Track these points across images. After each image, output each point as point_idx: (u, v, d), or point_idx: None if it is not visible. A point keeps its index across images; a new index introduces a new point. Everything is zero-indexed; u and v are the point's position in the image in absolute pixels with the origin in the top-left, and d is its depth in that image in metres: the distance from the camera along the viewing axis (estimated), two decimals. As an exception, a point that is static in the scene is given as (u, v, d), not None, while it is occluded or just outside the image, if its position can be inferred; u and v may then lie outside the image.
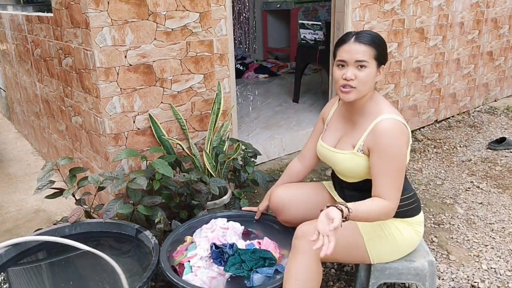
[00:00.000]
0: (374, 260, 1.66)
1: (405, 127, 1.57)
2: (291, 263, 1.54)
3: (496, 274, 2.12)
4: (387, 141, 1.52)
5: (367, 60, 1.55)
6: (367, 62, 1.55)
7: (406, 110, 4.01)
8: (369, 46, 1.56)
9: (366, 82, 1.57)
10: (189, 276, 1.71)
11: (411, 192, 1.70)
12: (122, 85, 2.23)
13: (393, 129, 1.54)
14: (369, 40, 1.57)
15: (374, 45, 1.57)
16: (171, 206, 2.29)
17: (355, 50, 1.56)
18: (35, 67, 3.21)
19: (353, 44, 1.57)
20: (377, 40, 1.59)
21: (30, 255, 1.95)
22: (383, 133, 1.54)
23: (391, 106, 1.64)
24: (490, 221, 2.58)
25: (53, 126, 3.17)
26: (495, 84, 5.07)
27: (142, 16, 2.22)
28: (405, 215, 1.67)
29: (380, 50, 1.58)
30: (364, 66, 1.56)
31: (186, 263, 1.78)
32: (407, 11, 3.66)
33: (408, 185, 1.70)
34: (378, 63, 1.58)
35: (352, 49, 1.56)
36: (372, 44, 1.57)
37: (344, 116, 1.74)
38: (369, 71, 1.56)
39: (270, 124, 3.85)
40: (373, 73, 1.58)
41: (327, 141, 1.76)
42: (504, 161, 3.43)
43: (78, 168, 2.25)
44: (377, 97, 1.65)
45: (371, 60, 1.56)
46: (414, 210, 1.70)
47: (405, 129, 1.57)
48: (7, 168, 3.60)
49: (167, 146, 2.41)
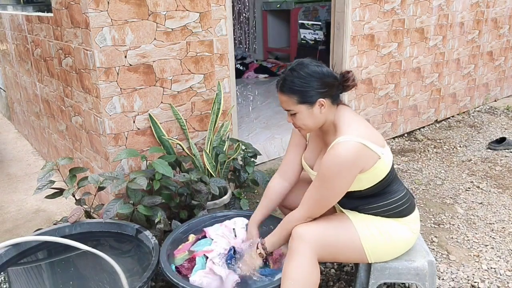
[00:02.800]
0: (372, 258, 1.66)
1: (363, 149, 1.51)
2: (288, 265, 1.54)
3: (496, 274, 2.12)
4: (328, 161, 1.51)
5: (292, 108, 1.58)
6: (293, 110, 1.59)
7: (406, 110, 4.01)
8: (289, 96, 1.57)
9: (304, 123, 1.61)
10: (200, 272, 1.71)
11: (402, 193, 1.68)
12: (122, 85, 2.23)
13: (340, 154, 1.49)
14: (288, 88, 1.56)
15: (294, 92, 1.55)
16: (171, 206, 2.29)
17: (280, 100, 1.61)
18: (35, 67, 3.21)
19: (278, 93, 1.61)
20: (298, 84, 1.55)
21: (30, 255, 1.95)
22: (329, 154, 1.52)
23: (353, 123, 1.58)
24: (490, 221, 2.58)
25: (53, 126, 3.17)
26: (495, 84, 5.07)
27: (142, 16, 2.22)
28: (398, 215, 1.68)
29: (305, 92, 1.55)
30: (294, 113, 1.59)
31: (199, 257, 1.78)
32: (407, 11, 3.66)
33: (399, 186, 1.69)
34: (307, 104, 1.56)
35: (279, 99, 1.61)
36: (291, 92, 1.55)
37: (318, 135, 1.76)
38: (301, 116, 1.59)
39: (270, 124, 3.85)
40: (307, 114, 1.58)
41: (307, 160, 1.79)
42: (504, 161, 3.43)
43: (78, 168, 2.25)
44: (339, 117, 1.62)
45: (297, 107, 1.57)
46: (408, 209, 1.70)
47: (360, 152, 1.50)
48: (7, 168, 3.60)
49: (167, 146, 2.41)
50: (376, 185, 1.61)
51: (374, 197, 1.64)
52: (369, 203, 1.65)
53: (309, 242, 1.54)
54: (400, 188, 1.70)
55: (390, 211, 1.65)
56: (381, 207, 1.65)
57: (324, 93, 1.57)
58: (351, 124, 1.58)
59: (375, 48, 3.52)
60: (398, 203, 1.66)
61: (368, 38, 3.44)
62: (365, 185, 1.60)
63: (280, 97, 1.60)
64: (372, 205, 1.65)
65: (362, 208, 1.66)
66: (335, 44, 3.37)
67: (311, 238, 1.55)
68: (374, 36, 3.48)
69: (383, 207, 1.65)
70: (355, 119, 1.62)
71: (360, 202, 1.65)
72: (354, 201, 1.65)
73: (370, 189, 1.61)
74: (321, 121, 1.62)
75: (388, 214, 1.66)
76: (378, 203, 1.64)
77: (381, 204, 1.64)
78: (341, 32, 3.29)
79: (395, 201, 1.65)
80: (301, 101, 1.56)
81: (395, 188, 1.67)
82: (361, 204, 1.66)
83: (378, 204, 1.64)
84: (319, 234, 1.57)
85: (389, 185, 1.65)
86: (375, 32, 3.47)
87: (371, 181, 1.60)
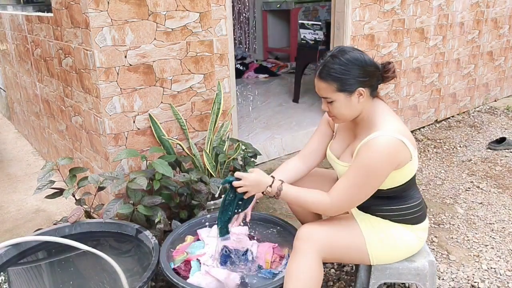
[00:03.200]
0: (374, 261, 1.66)
1: (401, 145, 1.49)
2: (292, 264, 1.54)
3: (496, 274, 2.12)
4: (367, 155, 1.48)
5: (330, 96, 1.54)
6: (330, 98, 1.54)
7: (406, 110, 4.01)
8: (328, 82, 1.52)
9: (341, 112, 1.56)
10: (197, 274, 1.71)
11: (417, 200, 1.67)
12: (122, 85, 2.23)
13: (380, 148, 1.46)
14: (327, 75, 1.51)
15: (335, 79, 1.51)
16: (171, 206, 2.29)
17: (318, 87, 1.56)
18: (35, 67, 3.21)
19: (316, 80, 1.56)
20: (339, 71, 1.50)
21: (30, 255, 1.95)
22: (368, 147, 1.49)
23: (391, 119, 1.55)
24: (490, 221, 2.58)
25: (53, 126, 3.17)
26: (495, 84, 5.07)
27: (142, 16, 2.22)
28: (410, 222, 1.66)
29: (345, 80, 1.51)
30: (331, 101, 1.55)
31: (193, 261, 1.78)
32: (407, 11, 3.66)
33: (415, 193, 1.67)
34: (346, 92, 1.52)
35: (316, 86, 1.57)
36: (331, 78, 1.51)
37: (349, 126, 1.71)
38: (338, 104, 1.54)
39: (270, 124, 3.85)
40: (344, 103, 1.54)
41: (333, 150, 1.74)
42: (504, 161, 3.43)
43: (78, 168, 2.25)
44: (376, 110, 1.59)
45: (335, 94, 1.53)
46: (420, 217, 1.68)
47: (399, 148, 1.49)
48: (7, 168, 3.60)
49: (167, 146, 2.41)
50: (398, 187, 1.59)
51: (390, 199, 1.62)
52: (385, 204, 1.62)
53: (314, 243, 1.53)
54: (416, 195, 1.68)
55: (401, 217, 1.63)
56: (394, 210, 1.63)
57: (364, 82, 1.52)
58: (388, 119, 1.54)
59: (375, 48, 3.52)
60: (411, 210, 1.64)
61: (368, 38, 3.44)
62: (388, 185, 1.57)
63: (318, 83, 1.55)
64: (386, 207, 1.63)
65: (374, 208, 1.64)
66: (335, 44, 3.37)
67: (317, 239, 1.54)
68: (374, 36, 3.48)
69: (396, 211, 1.63)
70: (391, 114, 1.58)
71: (375, 202, 1.61)
72: (370, 200, 1.59)
73: (391, 190, 1.59)
74: (357, 111, 1.57)
75: (398, 219, 1.64)
76: (393, 206, 1.62)
77: (396, 207, 1.62)
78: (341, 32, 3.29)
79: (409, 208, 1.64)
80: (340, 89, 1.51)
81: (412, 194, 1.65)
82: (375, 204, 1.62)
83: (392, 207, 1.62)
84: (325, 235, 1.57)
85: (408, 190, 1.63)
86: (375, 32, 3.47)
87: (396, 182, 1.58)
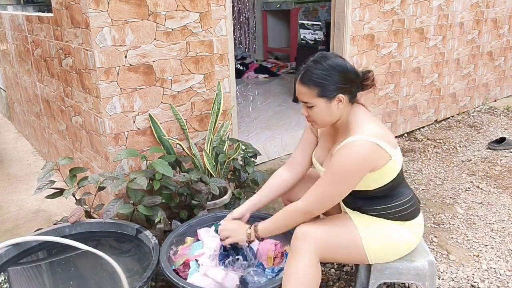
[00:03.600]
0: (372, 260, 1.66)
1: (376, 148, 1.50)
2: (290, 264, 1.54)
3: (496, 274, 2.12)
4: (340, 159, 1.50)
5: (310, 101, 1.56)
6: (311, 103, 1.56)
7: (406, 110, 4.01)
8: (309, 87, 1.54)
9: (320, 118, 1.59)
10: (196, 275, 1.71)
11: (408, 196, 1.68)
12: (122, 85, 2.24)
13: (353, 152, 1.48)
14: (309, 79, 1.53)
15: (316, 84, 1.53)
16: (171, 206, 2.29)
17: (298, 91, 1.58)
18: (35, 67, 3.21)
19: (298, 84, 1.57)
20: (321, 77, 1.52)
21: (30, 255, 1.95)
22: (342, 152, 1.51)
23: (368, 123, 1.57)
24: (490, 221, 2.58)
25: (53, 126, 3.17)
26: (495, 84, 5.07)
27: (142, 16, 2.22)
28: (403, 218, 1.67)
29: (326, 86, 1.53)
30: (311, 106, 1.57)
31: (192, 262, 1.78)
32: (407, 11, 3.66)
33: (405, 190, 1.69)
34: (326, 98, 1.54)
35: (297, 90, 1.59)
36: (313, 84, 1.53)
37: (329, 132, 1.74)
38: (318, 109, 1.56)
39: (270, 124, 3.85)
40: (324, 108, 1.56)
41: (317, 157, 1.78)
42: (504, 161, 3.43)
43: (78, 168, 2.25)
44: (354, 115, 1.61)
45: (315, 99, 1.55)
46: (412, 213, 1.69)
47: (373, 151, 1.50)
48: (7, 168, 3.60)
49: (167, 146, 2.41)
50: (384, 187, 1.60)
51: (380, 198, 1.63)
52: (374, 204, 1.64)
53: (312, 242, 1.54)
54: (406, 191, 1.69)
55: (394, 214, 1.65)
56: (385, 209, 1.64)
57: (344, 89, 1.55)
58: (364, 123, 1.56)
59: (375, 48, 3.52)
60: (403, 206, 1.65)
61: (368, 38, 3.44)
62: (373, 186, 1.60)
63: (300, 88, 1.57)
64: (376, 206, 1.64)
65: (365, 209, 1.66)
66: (335, 44, 3.37)
67: (314, 238, 1.55)
68: (374, 36, 3.48)
69: (387, 209, 1.64)
70: (368, 118, 1.60)
71: (365, 202, 1.65)
72: (359, 201, 1.64)
73: (378, 190, 1.61)
74: (336, 117, 1.60)
75: (391, 217, 1.65)
76: (383, 205, 1.64)
77: (386, 206, 1.64)
78: (341, 32, 3.29)
79: (400, 205, 1.64)
80: (321, 94, 1.54)
81: (401, 191, 1.66)
82: (365, 204, 1.65)
83: (382, 206, 1.64)
84: (322, 234, 1.57)
85: (396, 188, 1.64)
86: (375, 32, 3.47)
87: (380, 182, 1.59)
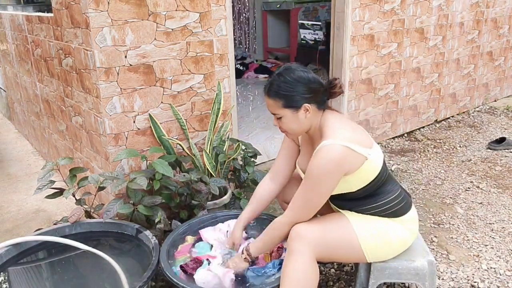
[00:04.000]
0: (370, 258, 1.67)
1: (347, 151, 1.52)
2: (287, 264, 1.55)
3: (496, 274, 2.12)
4: (313, 164, 1.54)
5: (278, 112, 1.62)
6: (278, 114, 1.62)
7: (406, 110, 4.01)
8: (275, 99, 1.60)
9: (289, 127, 1.64)
10: (202, 271, 1.73)
11: (395, 193, 1.69)
12: (122, 85, 2.24)
13: (324, 156, 1.51)
14: (274, 92, 1.59)
15: (280, 96, 1.58)
16: (171, 206, 2.29)
17: (267, 103, 1.65)
18: (35, 67, 3.21)
19: (265, 97, 1.64)
20: (284, 89, 1.58)
21: (30, 255, 1.95)
22: (315, 157, 1.55)
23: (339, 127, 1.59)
24: (490, 221, 2.58)
25: (53, 126, 3.18)
26: (495, 84, 5.07)
27: (142, 16, 2.22)
28: (394, 215, 1.68)
29: (290, 97, 1.58)
30: (280, 117, 1.63)
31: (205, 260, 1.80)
32: (407, 11, 3.66)
33: (392, 187, 1.70)
34: (293, 108, 1.59)
35: (266, 102, 1.65)
36: (277, 96, 1.59)
37: (307, 140, 1.78)
38: (286, 120, 1.62)
39: (270, 124, 3.85)
40: (292, 118, 1.61)
41: (300, 165, 1.80)
42: (504, 161, 3.43)
43: (78, 168, 2.25)
44: (325, 121, 1.64)
45: (282, 110, 1.60)
46: (403, 209, 1.70)
47: (344, 154, 1.51)
48: (7, 168, 3.60)
49: (167, 146, 2.41)
50: (367, 187, 1.62)
51: (366, 198, 1.65)
52: (362, 204, 1.66)
53: (308, 242, 1.54)
54: (394, 188, 1.70)
55: (384, 212, 1.66)
56: (375, 208, 1.65)
57: (309, 99, 1.60)
58: (335, 128, 1.59)
59: (375, 48, 3.52)
60: (392, 203, 1.67)
61: (368, 38, 3.44)
62: (354, 187, 1.62)
63: (267, 100, 1.63)
64: (365, 206, 1.66)
65: (357, 209, 1.67)
66: (335, 44, 3.37)
67: (310, 237, 1.55)
68: (374, 36, 3.48)
69: (377, 208, 1.65)
70: (340, 123, 1.63)
71: (353, 203, 1.67)
72: (347, 203, 1.68)
73: (361, 190, 1.62)
74: (306, 125, 1.65)
75: (383, 214, 1.67)
76: (370, 204, 1.65)
77: (374, 205, 1.65)
78: (341, 32, 3.29)
79: (388, 202, 1.66)
80: (287, 105, 1.60)
81: (388, 189, 1.68)
82: (354, 206, 1.67)
83: (371, 206, 1.65)
84: (318, 233, 1.58)
85: (382, 186, 1.66)
86: (375, 32, 3.47)
87: (360, 183, 1.61)
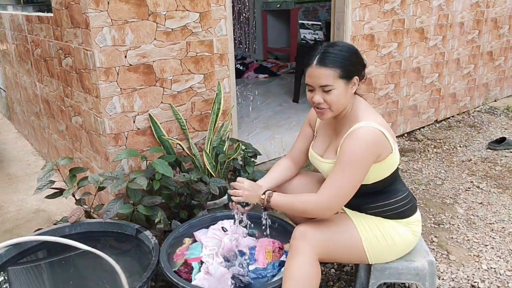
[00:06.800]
0: (372, 260, 1.67)
1: (382, 136, 1.54)
2: (290, 264, 1.54)
3: (496, 274, 2.12)
4: (350, 145, 1.52)
5: (331, 83, 1.53)
6: (331, 85, 1.54)
7: (406, 110, 4.01)
8: (332, 69, 1.52)
9: (336, 102, 1.57)
10: (199, 275, 1.71)
11: (404, 193, 1.69)
12: (122, 85, 2.24)
13: (363, 137, 1.51)
14: (332, 61, 1.52)
15: (338, 65, 1.52)
16: (171, 206, 2.29)
17: (318, 75, 1.54)
18: (35, 67, 3.21)
19: (316, 68, 1.54)
20: (342, 57, 1.53)
21: (30, 255, 1.95)
22: (351, 138, 1.53)
23: (372, 112, 1.61)
24: (490, 221, 2.58)
25: (53, 126, 3.17)
26: (495, 84, 5.07)
27: (142, 16, 2.22)
28: (400, 216, 1.68)
29: (347, 66, 1.54)
30: (330, 90, 1.54)
31: (194, 263, 1.79)
32: (407, 11, 3.66)
33: (401, 187, 1.70)
34: (346, 79, 1.55)
35: (315, 74, 1.54)
36: (335, 65, 1.52)
37: (329, 124, 1.75)
38: (337, 92, 1.55)
39: (270, 124, 3.85)
40: (343, 91, 1.56)
41: (316, 149, 1.78)
42: (504, 161, 3.43)
43: (78, 168, 2.25)
44: (358, 104, 1.64)
45: (337, 81, 1.53)
46: (409, 210, 1.70)
47: (380, 138, 1.53)
48: (7, 168, 3.60)
49: (167, 146, 2.41)
50: (381, 181, 1.62)
51: (377, 195, 1.65)
52: (372, 201, 1.65)
53: (311, 242, 1.54)
54: (402, 188, 1.71)
55: (392, 211, 1.66)
56: (383, 206, 1.65)
57: (359, 71, 1.59)
58: (370, 112, 1.60)
59: (375, 48, 3.52)
60: (400, 203, 1.67)
61: (368, 38, 3.44)
62: (372, 179, 1.61)
63: (319, 71, 1.53)
64: (374, 204, 1.66)
65: (364, 207, 1.67)
66: (335, 44, 3.37)
67: (313, 238, 1.55)
68: (374, 36, 3.48)
69: (385, 206, 1.65)
70: (372, 108, 1.65)
71: (363, 200, 1.65)
72: (356, 199, 1.62)
73: (375, 184, 1.62)
74: (348, 103, 1.61)
75: (389, 215, 1.67)
76: (380, 202, 1.65)
77: (384, 203, 1.65)
78: (341, 32, 3.29)
79: (397, 201, 1.66)
80: (342, 75, 1.53)
81: (398, 188, 1.68)
82: (364, 202, 1.66)
83: (380, 203, 1.65)
84: (321, 234, 1.58)
85: (393, 184, 1.66)
86: (375, 32, 3.47)
87: (378, 175, 1.61)
